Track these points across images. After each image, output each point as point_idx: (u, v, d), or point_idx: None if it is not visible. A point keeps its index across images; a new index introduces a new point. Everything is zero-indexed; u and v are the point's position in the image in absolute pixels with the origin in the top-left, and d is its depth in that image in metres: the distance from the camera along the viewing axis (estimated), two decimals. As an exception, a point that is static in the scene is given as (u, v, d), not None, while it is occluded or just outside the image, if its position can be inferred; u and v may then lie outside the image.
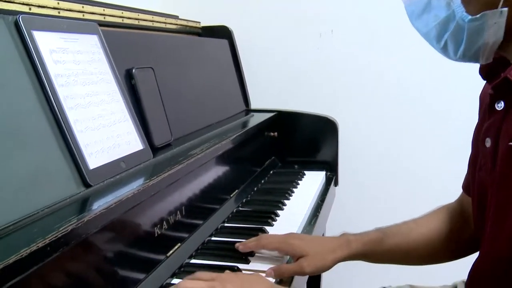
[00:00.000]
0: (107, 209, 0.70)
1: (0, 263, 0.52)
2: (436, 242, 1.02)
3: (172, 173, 0.90)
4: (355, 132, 1.96)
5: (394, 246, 1.01)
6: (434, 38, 0.76)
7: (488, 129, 0.81)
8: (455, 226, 1.02)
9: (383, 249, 1.01)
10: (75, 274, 0.69)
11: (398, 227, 1.04)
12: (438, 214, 1.05)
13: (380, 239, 1.02)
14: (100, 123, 0.89)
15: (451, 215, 1.03)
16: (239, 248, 1.01)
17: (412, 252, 1.02)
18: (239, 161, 1.41)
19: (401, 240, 1.02)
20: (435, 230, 1.02)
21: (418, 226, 1.04)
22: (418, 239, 1.02)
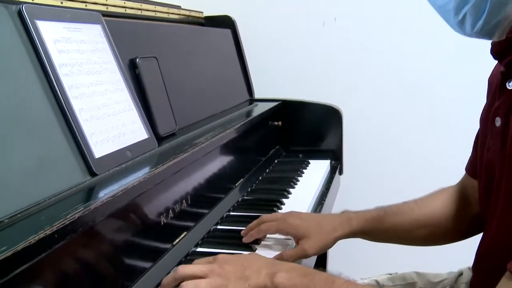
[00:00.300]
0: (113, 197, 0.70)
1: (10, 249, 0.52)
2: (437, 223, 1.02)
3: (177, 161, 0.90)
4: (359, 121, 1.95)
5: (395, 225, 1.02)
6: (452, 10, 0.73)
7: (498, 108, 0.81)
8: (456, 208, 1.02)
9: (383, 227, 1.02)
10: (82, 261, 0.69)
11: (399, 207, 1.04)
12: (439, 195, 1.05)
13: (381, 217, 1.02)
14: (105, 112, 0.89)
15: (452, 197, 1.03)
16: (243, 240, 1.02)
17: (413, 231, 1.03)
18: (244, 150, 1.41)
19: (402, 219, 1.02)
20: (436, 211, 1.03)
21: (419, 206, 1.04)
22: (418, 219, 1.02)
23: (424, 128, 1.96)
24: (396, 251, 1.07)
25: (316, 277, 0.72)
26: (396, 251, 1.07)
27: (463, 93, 1.81)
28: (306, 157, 1.69)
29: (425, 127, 1.95)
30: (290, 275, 0.72)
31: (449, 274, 1.08)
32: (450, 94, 1.88)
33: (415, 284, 1.08)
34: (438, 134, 1.93)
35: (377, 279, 1.12)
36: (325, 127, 1.73)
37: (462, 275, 1.06)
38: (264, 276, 0.72)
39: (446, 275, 1.08)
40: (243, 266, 0.75)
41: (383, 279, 1.12)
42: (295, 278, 0.72)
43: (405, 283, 1.09)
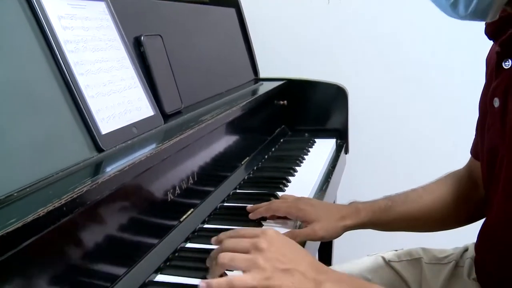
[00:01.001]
0: (120, 171, 0.71)
1: (19, 221, 0.53)
2: (446, 208, 1.02)
3: (184, 137, 0.90)
4: (365, 100, 1.95)
5: (403, 213, 1.01)
6: None
7: (495, 89, 0.80)
8: (464, 192, 1.01)
9: (392, 217, 1.01)
10: (90, 236, 0.69)
11: (407, 194, 1.04)
12: (447, 180, 1.05)
13: (389, 206, 1.02)
14: (110, 89, 0.89)
15: (459, 180, 1.03)
16: (250, 216, 1.02)
17: (422, 218, 1.02)
18: (249, 129, 1.41)
19: (410, 207, 1.02)
20: (444, 196, 1.02)
21: (427, 192, 1.03)
22: (427, 205, 1.02)
23: (431, 108, 1.95)
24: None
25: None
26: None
27: (470, 71, 1.79)
28: (311, 136, 1.69)
29: (431, 107, 1.95)
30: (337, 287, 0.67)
31: (454, 250, 1.09)
32: (458, 73, 1.87)
33: (420, 260, 1.09)
34: (446, 113, 1.93)
35: (383, 255, 1.13)
36: (330, 106, 1.73)
37: (468, 250, 1.06)
38: (308, 281, 0.67)
39: (452, 251, 1.09)
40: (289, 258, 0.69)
41: (389, 255, 1.13)
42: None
43: (411, 258, 1.10)
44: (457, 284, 1.02)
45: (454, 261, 1.05)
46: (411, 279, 1.07)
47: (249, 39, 1.81)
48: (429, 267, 1.07)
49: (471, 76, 0.91)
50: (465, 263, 1.03)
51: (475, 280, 0.98)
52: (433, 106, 1.94)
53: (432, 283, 1.04)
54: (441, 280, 1.03)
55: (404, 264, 1.10)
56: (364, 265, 1.13)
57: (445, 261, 1.07)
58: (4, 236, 0.51)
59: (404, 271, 1.08)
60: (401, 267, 1.09)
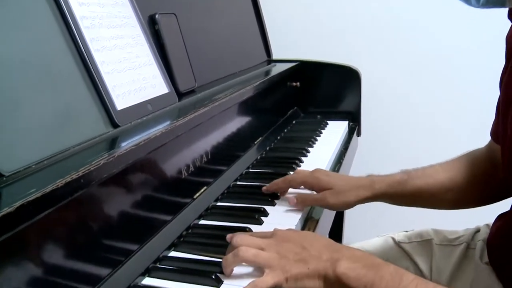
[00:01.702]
0: (136, 146, 0.71)
1: (38, 191, 0.54)
2: (461, 186, 1.00)
3: (198, 115, 0.91)
4: (378, 82, 1.94)
5: (419, 188, 1.00)
6: None
7: None
8: (483, 171, 1.00)
9: (407, 191, 1.01)
10: (105, 210, 0.70)
11: (424, 170, 1.03)
12: (465, 158, 1.04)
13: (405, 180, 1.01)
14: (126, 65, 0.89)
15: (478, 160, 1.02)
16: (264, 189, 1.04)
17: (437, 195, 1.01)
18: (262, 110, 1.41)
19: (426, 182, 1.00)
20: (461, 174, 1.01)
21: (444, 169, 1.02)
22: (444, 182, 1.01)
23: (445, 90, 1.94)
24: (413, 209, 1.07)
25: (382, 269, 0.66)
26: (413, 209, 1.07)
27: (486, 51, 1.78)
28: (324, 118, 1.68)
29: (445, 89, 1.93)
30: (354, 265, 0.67)
31: (465, 231, 1.08)
32: (473, 54, 1.85)
33: (431, 241, 1.08)
34: (459, 96, 1.91)
35: (393, 236, 1.13)
36: (343, 88, 1.72)
37: (479, 232, 1.06)
38: (325, 262, 0.68)
39: (463, 232, 1.08)
40: (303, 247, 0.71)
41: (399, 236, 1.13)
42: (359, 269, 0.66)
43: (421, 239, 1.10)
44: (469, 266, 1.01)
45: (465, 242, 1.05)
46: (421, 260, 1.06)
47: (262, 20, 1.80)
48: (440, 248, 1.07)
49: (487, 57, 0.89)
50: (476, 245, 1.02)
51: (487, 264, 0.97)
52: (447, 88, 1.93)
53: (443, 265, 1.03)
54: (452, 262, 1.03)
55: (414, 245, 1.09)
56: (373, 246, 1.13)
57: (456, 243, 1.06)
58: (24, 205, 0.51)
59: (414, 252, 1.08)
60: (411, 249, 1.09)
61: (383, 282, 0.64)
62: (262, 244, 0.73)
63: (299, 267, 0.69)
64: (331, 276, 0.67)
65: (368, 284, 0.64)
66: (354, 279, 0.65)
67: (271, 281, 0.68)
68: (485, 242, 1.01)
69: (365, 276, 0.65)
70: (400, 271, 0.66)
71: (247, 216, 0.94)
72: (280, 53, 1.83)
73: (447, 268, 1.02)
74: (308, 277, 0.68)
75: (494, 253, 0.95)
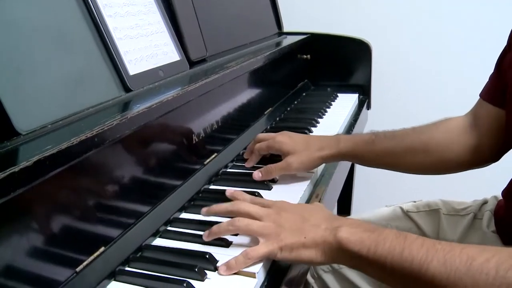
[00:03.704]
0: (149, 108, 0.73)
1: (54, 148, 0.55)
2: (433, 152, 0.98)
3: (209, 81, 0.92)
4: (389, 55, 1.93)
5: (387, 149, 1.00)
6: None
7: None
8: (458, 138, 0.98)
9: (374, 151, 1.00)
10: (118, 171, 0.72)
11: (394, 132, 1.02)
12: (440, 125, 1.02)
13: (372, 140, 1.00)
14: (138, 32, 0.90)
15: (455, 126, 1.00)
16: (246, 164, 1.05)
17: (405, 157, 1.00)
18: (273, 81, 1.42)
19: (395, 143, 1.00)
20: (434, 140, 0.99)
21: (416, 132, 1.01)
22: (413, 145, 0.99)
23: (456, 64, 1.93)
24: (422, 180, 1.08)
25: (384, 231, 0.65)
26: (422, 180, 1.08)
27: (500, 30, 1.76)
28: (334, 91, 1.68)
29: (457, 63, 1.92)
30: (354, 229, 0.66)
31: (473, 202, 1.09)
32: (485, 31, 1.83)
33: (439, 211, 1.09)
34: (472, 70, 1.90)
35: (401, 206, 1.14)
36: (354, 61, 1.72)
37: (487, 203, 1.06)
38: (323, 231, 0.68)
39: (471, 203, 1.09)
40: (302, 217, 0.71)
41: (407, 206, 1.14)
42: (361, 233, 0.65)
43: (429, 209, 1.10)
44: (475, 235, 1.02)
45: (472, 213, 1.05)
46: (428, 229, 1.08)
47: (273, -8, 1.80)
48: (447, 218, 1.08)
49: (499, 33, 0.89)
50: (483, 216, 1.03)
51: (494, 232, 0.98)
52: (458, 62, 1.92)
53: (450, 234, 1.04)
54: (459, 231, 1.04)
55: (422, 214, 1.10)
56: (382, 215, 1.14)
57: (463, 213, 1.07)
58: (41, 161, 0.53)
59: (422, 221, 1.09)
60: (419, 218, 1.10)
61: (387, 242, 0.62)
62: (260, 212, 0.73)
63: (295, 236, 0.68)
64: (331, 242, 0.66)
65: (372, 245, 0.63)
66: (356, 242, 0.64)
67: (264, 249, 0.68)
68: (492, 212, 1.02)
69: (368, 238, 0.64)
70: (403, 233, 0.64)
71: (257, 181, 0.95)
72: (291, 26, 1.83)
73: (454, 237, 1.03)
74: (304, 247, 0.68)
75: (501, 223, 0.96)
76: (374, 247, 0.63)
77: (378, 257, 0.62)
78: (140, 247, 0.74)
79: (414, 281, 0.60)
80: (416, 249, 0.60)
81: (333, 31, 1.73)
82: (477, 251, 0.56)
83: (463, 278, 0.55)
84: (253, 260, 0.68)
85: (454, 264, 0.56)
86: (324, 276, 1.10)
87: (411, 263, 0.59)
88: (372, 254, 0.63)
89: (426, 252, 0.59)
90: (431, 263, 0.58)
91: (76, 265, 0.62)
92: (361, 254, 0.64)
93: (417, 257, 0.59)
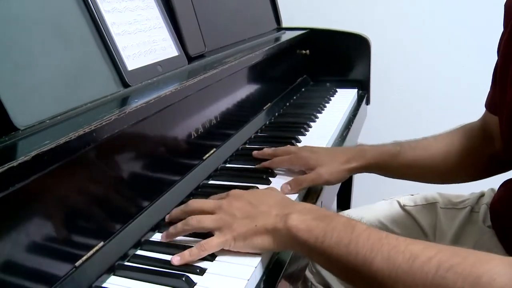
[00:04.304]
0: (147, 103, 0.73)
1: (52, 142, 0.56)
2: (455, 159, 0.99)
3: (208, 76, 0.92)
4: (388, 50, 1.93)
5: (411, 160, 0.99)
6: None
7: None
8: (476, 145, 0.99)
9: (400, 162, 1.00)
10: (116, 165, 0.73)
11: (417, 142, 1.02)
12: (458, 132, 1.03)
13: (397, 151, 1.00)
14: (136, 27, 0.91)
15: (472, 133, 1.01)
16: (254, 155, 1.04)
17: (430, 167, 1.00)
18: (271, 76, 1.42)
19: (419, 154, 1.00)
20: (454, 147, 1.00)
21: (437, 141, 1.01)
22: (436, 155, 1.00)
23: (456, 59, 1.93)
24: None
25: (334, 220, 0.64)
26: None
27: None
28: (333, 86, 1.68)
29: (456, 58, 1.92)
30: (304, 217, 0.66)
31: (470, 195, 1.09)
32: (484, 25, 1.83)
33: (436, 204, 1.09)
34: (472, 65, 1.90)
35: (398, 199, 1.14)
36: (353, 56, 1.72)
37: (484, 196, 1.07)
38: (274, 217, 0.68)
39: (468, 196, 1.09)
40: (252, 205, 0.72)
41: (405, 199, 1.14)
42: (310, 221, 0.65)
43: (426, 203, 1.11)
44: (472, 229, 1.02)
45: (469, 206, 1.06)
46: (426, 223, 1.08)
47: (272, -13, 1.79)
48: (444, 211, 1.08)
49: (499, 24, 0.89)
50: (480, 209, 1.03)
51: (490, 227, 0.98)
52: (458, 57, 1.92)
53: (447, 228, 1.05)
54: (456, 225, 1.04)
55: (419, 208, 1.11)
56: (379, 209, 1.14)
57: (460, 206, 1.07)
58: (39, 155, 0.54)
59: (419, 215, 1.09)
60: (416, 212, 1.10)
61: (335, 233, 0.62)
62: (211, 206, 0.73)
63: (246, 224, 0.69)
64: (281, 229, 0.66)
65: (320, 235, 0.63)
66: (304, 230, 0.64)
67: (217, 240, 0.69)
68: (489, 206, 1.02)
69: (316, 227, 0.64)
70: (352, 222, 0.64)
71: (255, 176, 0.96)
72: (289, 21, 1.83)
73: (451, 231, 1.03)
74: (256, 234, 0.68)
75: (496, 217, 0.96)
76: (322, 237, 0.63)
77: (325, 247, 0.62)
78: (139, 242, 0.74)
79: (358, 274, 0.60)
80: (362, 242, 0.60)
81: (332, 27, 1.73)
82: (420, 249, 0.56)
83: (403, 276, 0.55)
84: (208, 252, 0.68)
85: (397, 261, 0.56)
86: (323, 271, 1.11)
87: (355, 257, 0.59)
88: (320, 244, 0.63)
89: (372, 246, 0.59)
90: (375, 258, 0.58)
91: (75, 260, 0.63)
92: (309, 243, 0.64)
93: (362, 251, 0.59)
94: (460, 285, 0.51)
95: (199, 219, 0.72)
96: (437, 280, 0.52)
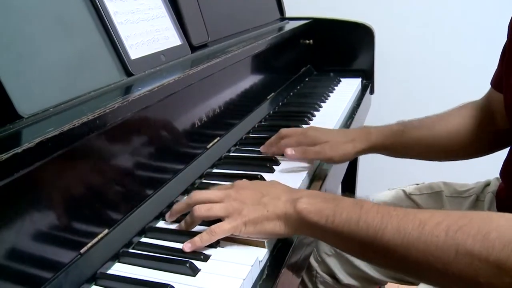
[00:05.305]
0: (150, 91, 0.73)
1: (57, 129, 0.56)
2: (459, 137, 1.00)
3: (211, 65, 0.92)
4: (392, 39, 1.92)
5: (416, 139, 1.00)
6: None
7: None
8: (480, 121, 0.99)
9: (404, 142, 1.01)
10: (120, 154, 0.73)
11: (421, 121, 1.02)
12: (462, 109, 1.03)
13: (401, 131, 1.01)
14: (139, 17, 0.91)
15: (476, 110, 1.01)
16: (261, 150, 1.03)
17: (434, 146, 1.01)
18: (275, 66, 1.42)
19: (423, 133, 1.00)
20: (459, 124, 1.00)
21: (441, 120, 1.02)
22: (441, 132, 1.00)
23: (460, 49, 1.92)
24: (424, 163, 1.08)
25: (342, 201, 0.66)
26: (425, 163, 1.08)
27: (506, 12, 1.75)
28: (337, 76, 1.68)
29: (460, 48, 1.91)
30: (313, 200, 0.68)
31: (476, 184, 1.09)
32: (490, 13, 1.82)
33: (441, 193, 1.09)
34: (475, 55, 1.89)
35: (404, 188, 1.14)
36: (357, 45, 1.71)
37: (489, 185, 1.07)
38: (283, 203, 0.70)
39: (473, 185, 1.09)
40: (261, 193, 0.73)
41: (410, 188, 1.14)
42: (319, 203, 0.67)
43: (431, 192, 1.11)
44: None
45: (475, 194, 1.06)
46: (431, 212, 1.08)
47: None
48: (449, 200, 1.08)
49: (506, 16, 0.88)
50: (485, 197, 1.04)
51: None
52: (462, 47, 1.91)
53: (452, 216, 1.05)
54: (461, 214, 1.04)
55: (425, 197, 1.11)
56: (385, 198, 1.14)
57: (466, 195, 1.07)
58: (43, 142, 0.54)
59: (424, 204, 1.10)
60: (421, 200, 1.11)
61: (344, 212, 0.64)
62: (219, 195, 0.74)
63: (258, 210, 0.70)
64: (292, 213, 0.68)
65: (330, 215, 0.65)
66: (314, 212, 0.66)
67: (228, 225, 0.69)
68: (494, 194, 1.02)
69: (326, 208, 0.65)
70: (360, 201, 0.65)
71: (259, 164, 0.96)
72: (293, 11, 1.82)
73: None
74: (267, 219, 0.69)
75: (502, 205, 0.96)
76: (332, 217, 0.64)
77: (335, 226, 0.64)
78: (143, 230, 0.75)
79: (371, 247, 0.61)
80: (371, 217, 0.61)
81: (335, 16, 1.72)
82: (428, 216, 0.58)
83: (416, 243, 0.56)
84: (218, 236, 0.69)
85: (407, 229, 0.57)
86: (328, 260, 1.11)
87: (367, 231, 0.61)
88: (330, 223, 0.64)
89: (381, 219, 0.60)
90: (386, 229, 0.59)
91: (80, 246, 0.63)
92: (320, 224, 0.65)
93: (372, 224, 0.60)
94: (470, 243, 0.53)
95: (208, 207, 0.72)
96: (448, 242, 0.54)
